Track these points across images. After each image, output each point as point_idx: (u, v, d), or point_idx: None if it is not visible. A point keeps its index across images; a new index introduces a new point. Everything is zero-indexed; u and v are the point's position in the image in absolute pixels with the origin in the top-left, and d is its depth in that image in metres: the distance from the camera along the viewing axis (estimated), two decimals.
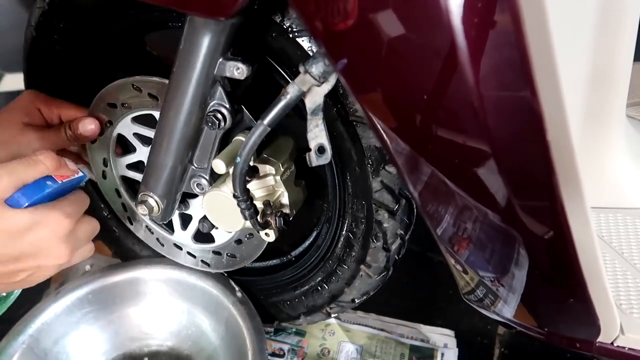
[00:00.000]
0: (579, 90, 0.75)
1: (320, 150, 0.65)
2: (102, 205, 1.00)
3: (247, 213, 0.71)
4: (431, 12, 0.44)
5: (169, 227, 0.93)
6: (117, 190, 0.92)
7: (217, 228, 0.86)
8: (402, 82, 0.50)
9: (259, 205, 0.74)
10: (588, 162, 0.82)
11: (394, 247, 0.77)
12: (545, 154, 0.49)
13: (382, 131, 0.55)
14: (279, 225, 0.73)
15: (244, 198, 0.70)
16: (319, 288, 0.89)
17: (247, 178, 0.69)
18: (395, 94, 0.52)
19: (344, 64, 0.52)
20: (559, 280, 0.61)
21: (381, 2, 0.46)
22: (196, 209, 0.85)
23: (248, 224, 0.74)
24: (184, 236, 0.92)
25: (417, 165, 0.57)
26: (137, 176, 0.87)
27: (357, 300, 0.87)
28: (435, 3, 0.43)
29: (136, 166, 0.87)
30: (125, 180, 0.90)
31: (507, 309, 0.70)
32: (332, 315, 0.93)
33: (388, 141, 0.56)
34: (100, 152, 0.87)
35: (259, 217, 0.73)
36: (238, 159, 0.65)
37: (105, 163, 0.88)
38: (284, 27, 0.64)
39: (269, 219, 0.73)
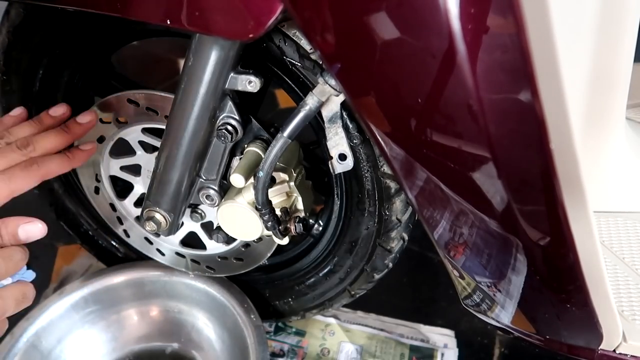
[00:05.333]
0: (579, 93, 0.74)
1: (342, 157, 0.66)
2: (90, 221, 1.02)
3: (269, 224, 0.72)
4: (429, 15, 0.44)
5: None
6: (111, 205, 0.92)
7: (234, 239, 0.86)
8: (397, 85, 0.50)
9: (277, 212, 0.74)
10: (587, 164, 0.81)
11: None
12: (547, 158, 0.49)
13: (377, 135, 0.55)
14: (299, 230, 0.74)
15: (268, 210, 0.70)
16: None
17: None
18: (390, 98, 0.51)
19: (339, 67, 0.51)
20: (561, 287, 0.61)
21: (376, 4, 0.46)
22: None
23: (266, 231, 0.75)
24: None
25: (413, 170, 0.57)
26: (130, 178, 0.87)
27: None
28: (433, 5, 0.43)
29: (129, 168, 0.87)
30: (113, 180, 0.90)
31: (504, 315, 0.70)
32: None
33: (384, 145, 0.56)
34: (93, 167, 0.87)
35: (279, 226, 0.73)
36: (260, 173, 0.65)
37: (97, 178, 0.88)
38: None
39: (289, 225, 0.74)
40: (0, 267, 0.58)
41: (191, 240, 0.93)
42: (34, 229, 0.63)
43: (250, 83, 0.64)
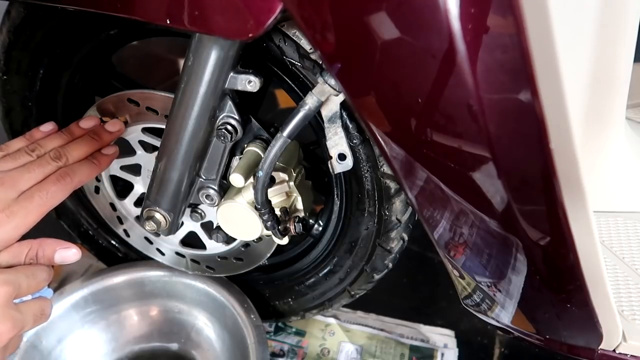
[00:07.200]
0: (580, 93, 0.74)
1: (341, 157, 0.66)
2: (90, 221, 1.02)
3: (269, 224, 0.72)
4: (429, 15, 0.44)
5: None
6: (111, 205, 0.92)
7: (234, 239, 0.86)
8: (397, 85, 0.50)
9: (277, 212, 0.74)
10: (587, 164, 0.81)
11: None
12: (547, 158, 0.49)
13: (377, 135, 0.55)
14: (299, 230, 0.74)
15: (267, 209, 0.70)
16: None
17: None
18: (391, 97, 0.51)
19: (339, 67, 0.51)
20: (561, 287, 0.61)
21: (376, 4, 0.46)
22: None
23: (266, 231, 0.75)
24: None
25: (413, 170, 0.57)
26: (130, 177, 0.87)
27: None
28: (433, 5, 0.43)
29: (129, 168, 0.87)
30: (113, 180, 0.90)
31: (504, 315, 0.70)
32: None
33: (384, 145, 0.56)
34: None
35: (279, 226, 0.73)
36: (260, 173, 0.65)
37: (97, 178, 0.88)
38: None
39: (289, 225, 0.74)
40: (22, 285, 0.59)
41: (191, 240, 0.93)
42: (69, 254, 0.64)
43: (250, 83, 0.64)
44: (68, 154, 0.68)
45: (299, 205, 0.77)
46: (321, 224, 0.84)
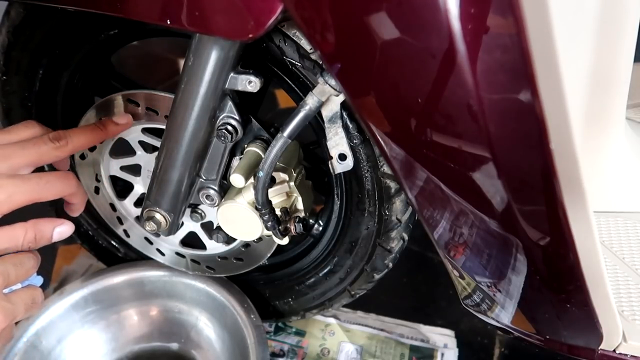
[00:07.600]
0: (579, 92, 0.74)
1: (342, 157, 0.66)
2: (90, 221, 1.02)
3: (269, 224, 0.72)
4: (429, 15, 0.44)
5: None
6: (111, 205, 0.92)
7: (234, 239, 0.86)
8: (397, 85, 0.50)
9: (277, 212, 0.74)
10: (587, 164, 0.81)
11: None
12: (547, 158, 0.49)
13: (377, 135, 0.55)
14: (299, 230, 0.74)
15: (268, 210, 0.70)
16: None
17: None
18: (390, 98, 0.51)
19: (339, 67, 0.51)
20: (561, 287, 0.61)
21: (376, 4, 0.46)
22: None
23: (266, 231, 0.75)
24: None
25: (413, 170, 0.57)
26: (130, 178, 0.87)
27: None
28: (433, 5, 0.43)
29: (129, 168, 0.87)
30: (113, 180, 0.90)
31: (504, 315, 0.70)
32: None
33: (384, 145, 0.56)
34: (92, 167, 0.87)
35: (279, 226, 0.73)
36: (260, 173, 0.65)
37: (97, 178, 0.88)
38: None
39: (289, 225, 0.74)
40: (11, 274, 0.58)
41: (191, 240, 0.93)
42: (65, 229, 0.65)
43: (250, 83, 0.64)
44: (69, 138, 0.66)
45: (299, 205, 0.77)
46: (321, 223, 0.84)
